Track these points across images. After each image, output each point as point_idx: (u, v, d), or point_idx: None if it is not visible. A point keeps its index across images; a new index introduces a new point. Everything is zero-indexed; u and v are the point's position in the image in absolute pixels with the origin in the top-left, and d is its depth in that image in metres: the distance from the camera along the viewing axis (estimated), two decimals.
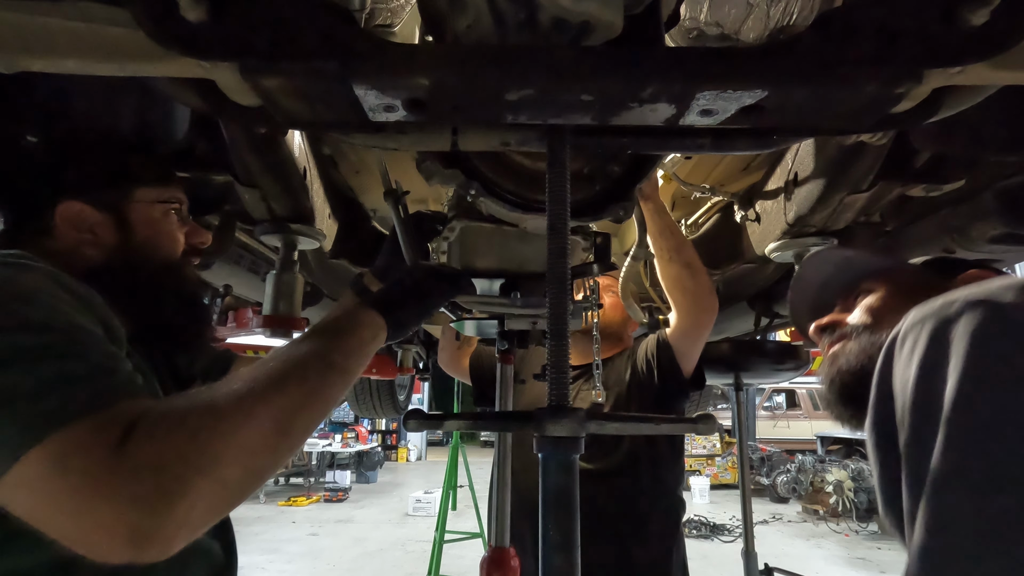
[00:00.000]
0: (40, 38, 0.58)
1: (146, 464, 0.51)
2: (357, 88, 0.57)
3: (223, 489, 0.54)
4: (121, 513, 0.49)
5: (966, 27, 0.54)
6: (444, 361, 2.20)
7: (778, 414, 13.18)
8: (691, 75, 0.57)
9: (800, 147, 1.23)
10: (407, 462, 15.59)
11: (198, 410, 0.56)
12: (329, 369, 0.66)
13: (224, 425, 0.55)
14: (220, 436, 0.54)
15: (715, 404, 11.76)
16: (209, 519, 0.55)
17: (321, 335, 0.71)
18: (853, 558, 6.41)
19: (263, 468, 0.59)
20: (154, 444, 0.52)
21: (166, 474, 0.51)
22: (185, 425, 0.54)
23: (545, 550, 0.60)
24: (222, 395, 0.58)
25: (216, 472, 0.53)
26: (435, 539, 5.02)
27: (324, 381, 0.65)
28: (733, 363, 2.12)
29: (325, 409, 0.66)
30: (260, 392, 0.59)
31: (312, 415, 0.63)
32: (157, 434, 0.53)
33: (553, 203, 0.69)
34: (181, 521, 0.51)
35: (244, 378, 0.61)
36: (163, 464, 0.51)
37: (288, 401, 0.60)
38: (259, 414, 0.57)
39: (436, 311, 0.92)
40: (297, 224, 1.24)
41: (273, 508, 8.72)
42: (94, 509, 0.49)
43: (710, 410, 4.61)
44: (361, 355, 0.72)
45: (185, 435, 0.53)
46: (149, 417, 0.54)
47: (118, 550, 0.50)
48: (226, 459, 0.54)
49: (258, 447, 0.57)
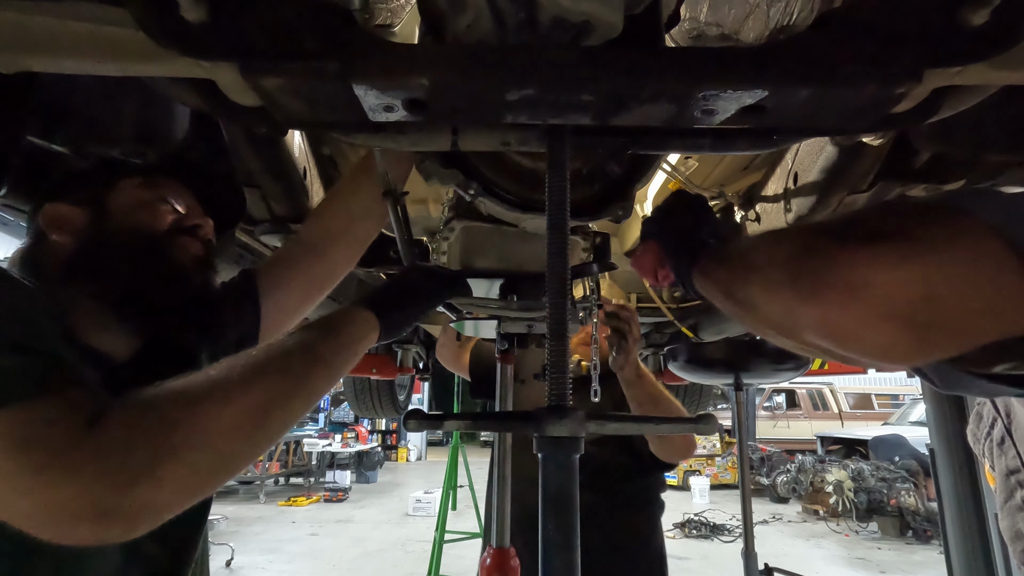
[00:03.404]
0: (40, 38, 0.58)
1: (114, 442, 0.50)
2: (357, 88, 0.57)
3: (192, 473, 0.53)
4: (85, 489, 0.47)
5: (966, 27, 0.54)
6: (444, 357, 2.20)
7: (778, 414, 13.18)
8: (691, 75, 0.57)
9: (800, 147, 1.23)
10: (407, 462, 15.59)
11: (172, 394, 0.55)
12: (314, 362, 0.66)
13: (198, 409, 0.54)
14: (192, 419, 0.53)
15: (715, 404, 11.75)
16: (176, 502, 0.53)
17: (311, 329, 0.71)
18: (853, 558, 6.41)
19: (236, 454, 0.57)
20: (124, 425, 0.51)
21: (134, 453, 0.50)
22: (156, 408, 0.53)
23: (545, 550, 0.60)
24: (199, 380, 0.57)
25: (186, 455, 0.52)
26: (435, 539, 5.02)
27: (308, 373, 0.64)
28: (733, 363, 2.11)
29: (307, 401, 0.64)
30: (238, 379, 0.58)
31: (293, 406, 0.62)
32: (128, 416, 0.52)
33: (552, 203, 0.69)
34: (146, 501, 0.50)
35: (225, 364, 0.60)
36: (131, 444, 0.50)
37: (268, 389, 0.59)
38: (235, 400, 0.57)
39: (431, 312, 0.92)
40: (297, 224, 1.24)
41: (273, 508, 8.72)
42: (57, 484, 0.47)
43: (710, 410, 4.61)
44: (350, 352, 0.72)
45: (156, 417, 0.53)
46: (119, 404, 0.53)
47: (79, 529, 0.48)
48: (197, 442, 0.53)
49: (232, 433, 0.55)
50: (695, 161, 1.60)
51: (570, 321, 0.67)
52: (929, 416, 2.71)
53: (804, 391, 13.34)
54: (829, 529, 7.52)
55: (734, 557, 2.52)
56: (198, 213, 0.88)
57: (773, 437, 12.21)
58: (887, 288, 0.44)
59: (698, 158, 1.58)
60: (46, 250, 0.76)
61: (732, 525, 7.53)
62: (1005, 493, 1.23)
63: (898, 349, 0.46)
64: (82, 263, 0.75)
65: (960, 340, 0.45)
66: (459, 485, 6.32)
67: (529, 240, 1.04)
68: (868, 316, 0.45)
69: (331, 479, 10.06)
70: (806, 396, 13.35)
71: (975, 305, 0.43)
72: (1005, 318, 0.43)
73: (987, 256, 0.42)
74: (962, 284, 0.43)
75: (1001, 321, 0.43)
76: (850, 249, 0.47)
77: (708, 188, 1.59)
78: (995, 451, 1.28)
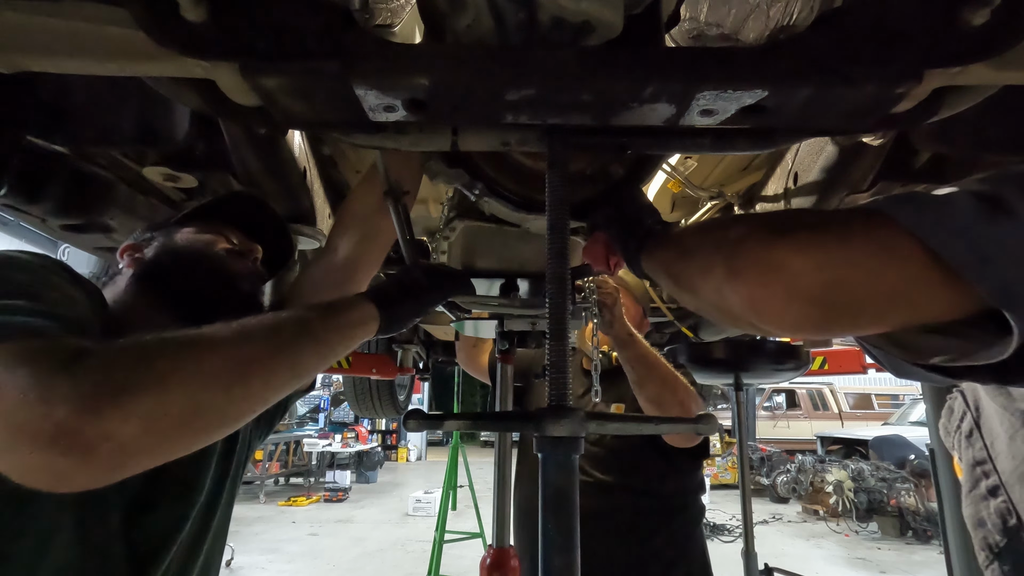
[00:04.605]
0: (40, 38, 0.58)
1: (91, 370, 0.50)
2: (357, 88, 0.57)
3: (162, 413, 0.51)
4: (50, 410, 0.47)
5: (966, 27, 0.54)
6: (462, 360, 2.22)
7: (778, 414, 13.18)
8: (691, 75, 0.57)
9: (800, 147, 1.23)
10: (407, 462, 15.59)
11: (158, 338, 0.56)
12: (305, 333, 0.66)
13: (180, 352, 0.55)
14: (172, 360, 0.54)
15: (715, 404, 11.75)
16: (141, 444, 0.51)
17: (309, 308, 0.73)
18: (853, 558, 6.41)
19: (210, 405, 0.55)
20: (104, 357, 0.52)
21: (106, 382, 0.50)
22: (142, 347, 0.54)
23: (545, 550, 0.60)
24: (189, 331, 0.58)
25: (159, 392, 0.51)
26: (435, 539, 5.02)
27: (296, 342, 0.65)
28: (733, 363, 2.11)
29: (292, 371, 0.64)
30: (225, 333, 0.59)
31: (275, 368, 0.62)
32: (111, 351, 0.53)
33: (553, 203, 0.69)
34: (108, 431, 0.48)
35: (218, 323, 0.61)
36: (106, 373, 0.50)
37: (252, 348, 0.60)
38: (219, 350, 0.57)
39: (432, 310, 0.92)
40: (297, 224, 1.24)
41: (273, 508, 8.72)
42: (27, 406, 0.47)
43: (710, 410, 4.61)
44: (344, 335, 0.72)
45: (137, 353, 0.53)
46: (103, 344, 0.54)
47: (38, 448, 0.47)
48: (171, 381, 0.52)
49: (209, 379, 0.55)
50: (695, 161, 1.59)
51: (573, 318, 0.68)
52: (929, 416, 2.71)
53: (804, 391, 13.34)
54: (829, 529, 7.52)
55: (734, 557, 2.52)
56: (248, 244, 0.98)
57: (773, 437, 12.21)
58: (798, 270, 0.50)
59: (698, 158, 1.58)
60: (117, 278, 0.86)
61: (732, 525, 7.54)
62: (971, 482, 1.30)
63: (806, 324, 0.53)
64: (147, 271, 0.85)
65: (864, 321, 0.52)
66: (459, 485, 6.32)
67: (530, 240, 1.04)
68: (781, 294, 0.51)
69: (331, 479, 10.06)
70: (806, 396, 13.34)
71: (878, 291, 0.49)
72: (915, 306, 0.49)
73: (895, 251, 0.48)
74: (866, 272, 0.49)
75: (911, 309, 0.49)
76: (773, 236, 0.53)
77: (708, 188, 1.59)
78: (963, 443, 1.36)
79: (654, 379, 1.46)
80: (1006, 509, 1.20)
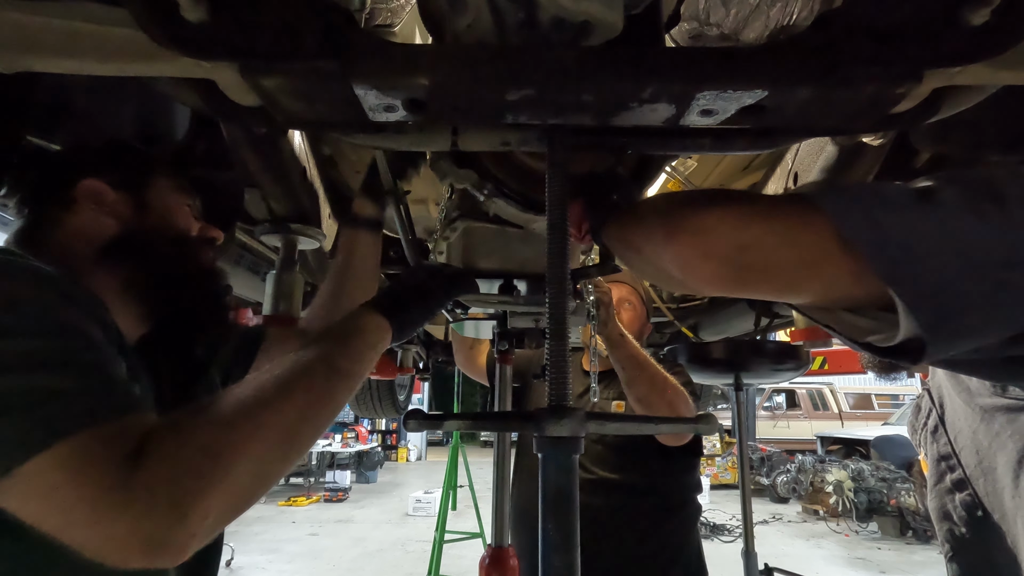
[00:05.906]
0: (40, 38, 0.58)
1: (160, 479, 0.52)
2: (357, 88, 0.57)
3: (234, 498, 0.56)
4: (136, 525, 0.50)
5: (966, 27, 0.54)
6: (460, 362, 2.23)
7: (778, 414, 13.18)
8: (691, 75, 0.57)
9: (800, 147, 1.23)
10: (407, 462, 15.59)
11: (207, 424, 0.57)
12: (335, 374, 0.67)
13: (234, 436, 0.56)
14: (230, 448, 0.55)
15: (715, 404, 11.76)
16: (221, 525, 0.57)
17: (326, 340, 0.71)
18: (853, 558, 6.40)
19: (273, 474, 0.60)
20: (166, 460, 0.53)
21: (179, 488, 0.52)
22: (196, 440, 0.55)
23: (545, 551, 0.60)
24: (230, 406, 0.59)
25: (228, 483, 0.54)
26: (435, 539, 5.02)
27: (330, 386, 0.66)
28: (733, 363, 2.11)
29: (332, 414, 0.67)
30: (267, 400, 0.60)
31: (319, 420, 0.64)
32: (168, 450, 0.53)
33: (553, 203, 0.69)
34: (194, 530, 0.52)
35: (251, 386, 0.61)
36: (176, 479, 0.52)
37: (295, 408, 0.61)
38: (267, 423, 0.58)
39: (440, 310, 0.91)
40: (297, 224, 1.24)
41: (273, 508, 8.72)
42: (109, 520, 0.49)
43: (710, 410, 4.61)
44: (366, 359, 0.73)
45: (196, 449, 0.54)
46: (159, 432, 0.55)
47: (132, 558, 0.51)
48: (237, 470, 0.55)
49: (267, 455, 0.58)
50: (695, 161, 1.60)
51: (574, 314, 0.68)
52: None
53: (804, 391, 13.34)
54: (829, 529, 7.52)
55: (734, 557, 2.52)
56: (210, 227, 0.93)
57: (773, 437, 12.20)
58: (718, 232, 0.58)
59: (698, 158, 1.58)
60: (79, 223, 0.77)
61: (732, 525, 7.53)
62: (936, 477, 1.34)
63: (720, 281, 0.59)
64: (123, 249, 0.78)
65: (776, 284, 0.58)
66: (459, 485, 6.32)
67: (531, 241, 1.04)
68: (701, 252, 0.59)
69: (331, 479, 10.06)
70: (806, 396, 13.34)
71: (788, 259, 0.55)
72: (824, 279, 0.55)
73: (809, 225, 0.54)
74: (779, 239, 0.55)
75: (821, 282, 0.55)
76: (709, 205, 0.60)
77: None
78: (928, 439, 1.39)
79: (643, 380, 1.47)
80: (972, 502, 1.22)
